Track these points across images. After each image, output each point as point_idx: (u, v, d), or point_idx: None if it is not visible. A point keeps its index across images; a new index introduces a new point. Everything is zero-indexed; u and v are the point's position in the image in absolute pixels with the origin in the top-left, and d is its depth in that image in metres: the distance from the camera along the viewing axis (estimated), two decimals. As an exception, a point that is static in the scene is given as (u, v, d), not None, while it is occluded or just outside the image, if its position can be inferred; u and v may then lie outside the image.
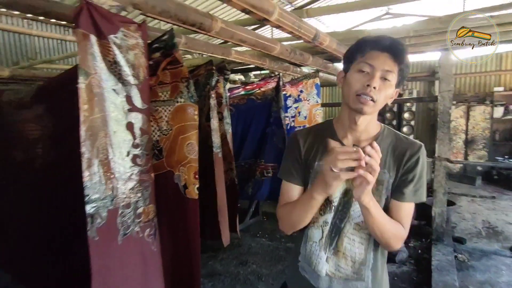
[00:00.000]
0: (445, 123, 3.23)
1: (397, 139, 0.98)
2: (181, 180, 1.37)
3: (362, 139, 0.97)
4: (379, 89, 0.87)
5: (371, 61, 0.87)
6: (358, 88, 0.89)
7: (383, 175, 0.94)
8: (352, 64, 0.92)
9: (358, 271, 0.98)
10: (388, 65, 0.87)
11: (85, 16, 0.92)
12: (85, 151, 0.96)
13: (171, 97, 1.33)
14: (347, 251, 0.98)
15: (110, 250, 1.05)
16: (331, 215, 0.99)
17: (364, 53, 0.89)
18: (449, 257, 3.08)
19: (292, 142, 1.06)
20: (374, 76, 0.87)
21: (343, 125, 0.99)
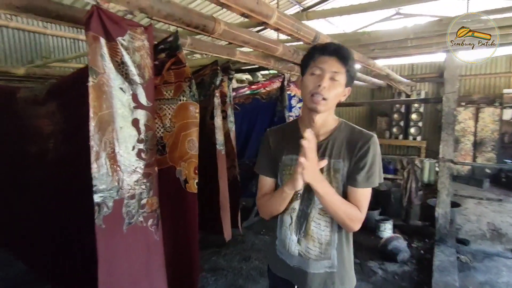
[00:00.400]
0: (450, 124, 3.23)
1: (352, 132, 1.11)
2: (182, 174, 1.44)
3: (320, 134, 1.11)
4: (328, 88, 1.02)
5: (321, 65, 1.02)
6: (311, 88, 1.03)
7: (338, 164, 1.07)
8: (307, 69, 1.07)
9: (325, 251, 1.10)
10: (336, 67, 1.02)
11: (96, 20, 1.00)
12: (94, 144, 1.04)
13: (174, 96, 1.41)
14: (315, 234, 1.10)
15: (115, 238, 1.13)
16: (298, 202, 1.12)
17: (315, 58, 1.04)
18: (451, 258, 3.09)
19: (264, 140, 1.21)
20: (324, 77, 1.01)
21: (304, 122, 1.14)
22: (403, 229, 3.86)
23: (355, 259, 3.20)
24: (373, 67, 2.84)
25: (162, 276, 1.30)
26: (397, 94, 6.59)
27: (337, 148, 1.08)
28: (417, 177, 3.61)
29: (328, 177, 1.07)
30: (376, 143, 1.07)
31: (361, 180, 1.05)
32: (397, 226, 3.88)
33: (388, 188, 4.54)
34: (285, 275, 1.19)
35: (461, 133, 6.03)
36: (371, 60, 2.69)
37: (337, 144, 1.08)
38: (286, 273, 1.18)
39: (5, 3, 1.08)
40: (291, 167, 1.12)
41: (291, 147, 1.12)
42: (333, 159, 1.08)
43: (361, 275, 2.93)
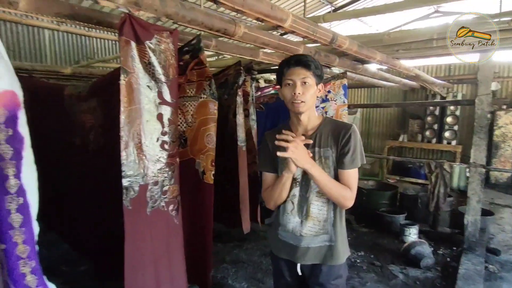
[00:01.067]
0: (482, 128, 3.08)
1: (335, 125, 1.31)
2: (201, 166, 1.57)
3: (308, 129, 1.30)
4: (303, 92, 1.20)
5: (290, 76, 1.21)
6: (289, 97, 1.23)
7: (327, 152, 1.26)
8: (282, 82, 1.26)
9: (323, 227, 1.29)
10: (302, 74, 1.20)
11: (128, 26, 1.15)
12: (123, 135, 1.19)
13: (196, 94, 1.54)
14: (314, 214, 1.28)
15: (140, 218, 1.28)
16: (297, 189, 1.30)
17: (284, 72, 1.23)
18: (478, 267, 2.95)
19: (263, 141, 1.40)
20: (296, 85, 1.20)
21: (293, 123, 1.33)
22: (429, 235, 3.73)
23: (376, 261, 3.20)
24: (399, 67, 2.80)
25: (181, 257, 1.43)
26: (431, 96, 6.32)
27: (324, 139, 1.27)
28: (446, 182, 3.47)
29: (320, 164, 1.26)
30: (355, 131, 1.26)
31: (347, 162, 1.23)
32: (423, 232, 3.76)
33: (416, 192, 4.40)
34: (288, 256, 1.35)
35: (501, 139, 5.65)
36: (396, 60, 2.65)
37: (324, 136, 1.28)
38: (289, 253, 1.34)
39: (56, 12, 1.27)
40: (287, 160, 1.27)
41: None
42: (322, 148, 1.27)
43: (381, 277, 2.90)
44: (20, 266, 1.16)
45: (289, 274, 1.38)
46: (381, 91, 7.21)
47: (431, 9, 8.62)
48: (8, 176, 1.11)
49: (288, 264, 1.36)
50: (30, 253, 1.16)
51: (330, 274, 1.31)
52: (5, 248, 1.13)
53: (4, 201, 1.10)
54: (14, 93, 1.11)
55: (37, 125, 2.64)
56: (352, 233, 3.88)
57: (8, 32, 4.79)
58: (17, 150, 1.12)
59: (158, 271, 1.33)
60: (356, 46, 1.90)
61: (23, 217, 1.14)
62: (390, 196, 4.28)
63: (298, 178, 1.29)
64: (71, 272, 2.94)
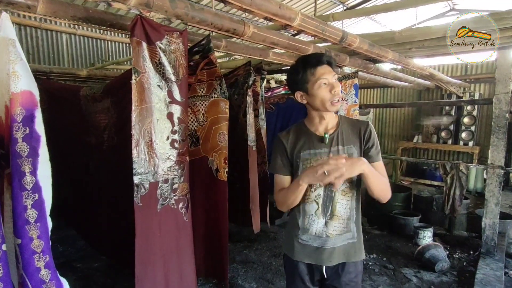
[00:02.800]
0: (501, 128, 2.98)
1: (352, 122, 1.32)
2: (214, 164, 1.59)
3: (329, 128, 1.27)
4: (338, 89, 1.19)
5: (324, 76, 1.18)
6: (329, 97, 1.18)
7: (351, 149, 1.25)
8: (309, 84, 1.19)
9: (347, 225, 1.27)
10: (332, 71, 1.20)
11: (139, 27, 1.18)
12: (135, 133, 1.22)
13: (207, 93, 1.56)
14: (339, 213, 1.26)
15: (150, 215, 1.30)
16: (322, 189, 1.25)
17: (314, 72, 1.18)
18: (498, 272, 2.85)
19: (278, 143, 1.33)
20: (332, 84, 1.18)
21: (314, 122, 1.29)
22: (445, 238, 3.63)
23: (389, 264, 3.14)
24: (412, 66, 2.74)
25: (190, 253, 1.45)
26: (447, 96, 6.16)
27: (346, 137, 1.26)
28: (462, 183, 3.37)
29: None
30: (372, 127, 1.29)
31: (375, 155, 1.26)
32: (438, 235, 3.66)
33: (431, 194, 4.29)
34: (311, 260, 1.30)
35: (523, 140, 5.44)
36: (410, 59, 2.60)
37: (345, 133, 1.27)
38: (312, 257, 1.29)
39: (71, 15, 1.31)
40: (310, 160, 1.26)
41: (306, 144, 1.28)
42: (346, 146, 1.25)
43: (393, 281, 2.85)
44: (35, 260, 1.20)
45: (309, 278, 1.33)
46: (394, 91, 7.08)
47: (447, 7, 8.42)
48: (25, 173, 1.15)
49: (310, 268, 1.32)
50: (44, 248, 1.19)
51: (353, 271, 1.31)
52: (21, 242, 1.16)
53: (21, 197, 1.14)
54: (32, 93, 1.15)
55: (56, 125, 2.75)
56: (364, 235, 3.77)
57: (28, 37, 4.97)
58: (34, 148, 1.16)
59: (168, 267, 1.35)
60: (366, 45, 1.87)
61: (38, 213, 1.17)
62: (403, 198, 4.19)
63: None
64: (85, 268, 3.01)
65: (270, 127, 3.34)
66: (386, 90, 7.18)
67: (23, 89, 1.12)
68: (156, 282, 1.31)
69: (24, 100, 1.13)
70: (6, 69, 1.07)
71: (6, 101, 1.11)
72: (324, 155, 1.24)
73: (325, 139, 1.24)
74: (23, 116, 1.13)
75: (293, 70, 1.26)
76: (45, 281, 1.22)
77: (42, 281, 1.21)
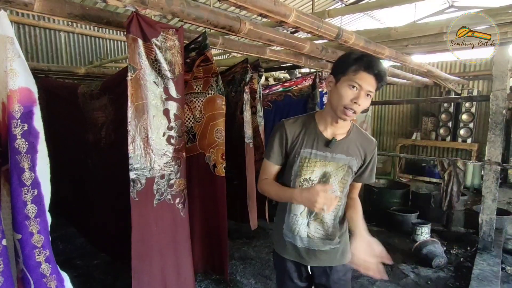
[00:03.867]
0: (498, 124, 2.99)
1: (362, 135, 1.26)
2: (211, 160, 1.61)
3: (338, 133, 1.21)
4: (361, 104, 1.09)
5: (360, 81, 1.06)
6: (346, 102, 1.09)
7: (353, 161, 1.21)
8: (344, 77, 1.10)
9: (332, 233, 1.25)
10: (372, 85, 1.08)
11: (135, 24, 1.19)
12: (131, 129, 1.23)
13: (203, 90, 1.57)
14: (324, 219, 1.24)
15: (146, 210, 1.32)
16: None
17: (356, 71, 1.07)
18: (495, 268, 2.87)
19: (280, 129, 1.22)
20: (360, 95, 1.08)
21: (325, 121, 1.20)
22: (442, 234, 3.66)
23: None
24: (410, 63, 2.75)
25: (187, 248, 1.47)
26: (445, 93, 6.16)
27: (352, 148, 1.22)
28: (459, 180, 3.39)
29: (343, 172, 1.21)
30: (375, 149, 1.26)
31: (365, 177, 1.27)
32: (436, 231, 3.69)
33: (429, 191, 4.32)
34: (292, 257, 1.29)
35: (520, 136, 5.46)
36: (407, 56, 2.61)
37: (352, 145, 1.22)
38: (293, 254, 1.29)
39: (67, 13, 1.32)
40: (309, 160, 1.20)
41: (309, 142, 1.20)
42: (349, 157, 1.21)
43: (391, 277, 2.87)
44: (36, 255, 1.21)
45: (297, 275, 1.32)
46: (393, 88, 7.09)
47: (446, 4, 8.42)
48: (24, 169, 1.16)
49: (297, 266, 1.31)
50: (44, 243, 1.21)
51: (341, 269, 1.31)
52: (21, 238, 1.18)
53: (20, 193, 1.16)
54: (30, 90, 1.17)
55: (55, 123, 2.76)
56: (363, 232, 3.84)
57: (27, 35, 4.98)
58: (32, 144, 1.17)
59: (164, 261, 1.37)
60: (363, 42, 1.88)
61: (37, 208, 1.19)
62: (401, 195, 4.22)
63: (314, 180, 1.20)
64: (85, 265, 3.03)
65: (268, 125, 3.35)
66: (385, 87, 7.18)
67: (21, 86, 1.13)
68: (153, 275, 1.33)
69: (22, 97, 1.14)
70: (4, 67, 1.08)
71: (3, 99, 1.12)
72: (324, 158, 1.19)
73: (331, 144, 1.18)
74: (21, 112, 1.14)
75: (346, 55, 1.14)
76: (46, 275, 1.24)
77: (43, 275, 1.23)
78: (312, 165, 1.20)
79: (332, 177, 1.20)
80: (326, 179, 1.20)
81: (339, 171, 1.20)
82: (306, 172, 1.20)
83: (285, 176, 1.27)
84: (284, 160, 1.25)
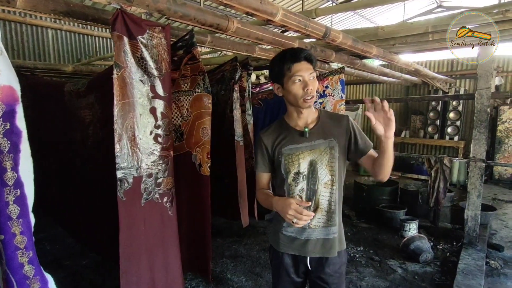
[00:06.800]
0: (482, 122, 3.06)
1: (332, 116, 1.34)
2: (197, 159, 1.60)
3: (309, 122, 1.29)
4: (312, 87, 1.19)
5: (299, 72, 1.17)
6: (301, 94, 1.19)
7: (332, 142, 1.26)
8: (285, 78, 1.21)
9: (330, 217, 1.29)
10: (309, 68, 1.19)
11: (120, 21, 1.17)
12: (117, 128, 1.22)
13: (190, 88, 1.56)
14: (322, 205, 1.27)
15: (134, 209, 1.31)
16: (304, 182, 1.27)
17: (290, 67, 1.18)
18: (479, 262, 2.95)
19: (258, 143, 1.35)
20: (307, 82, 1.18)
21: (293, 117, 1.31)
22: (429, 230, 3.73)
23: (376, 256, 3.21)
24: (397, 62, 2.79)
25: (176, 247, 1.46)
26: (433, 92, 6.27)
27: (328, 130, 1.27)
28: (446, 176, 3.46)
29: (327, 155, 1.26)
30: (352, 119, 1.31)
31: (363, 146, 1.27)
32: (424, 227, 3.76)
33: (417, 188, 4.39)
34: (295, 251, 1.33)
35: (504, 134, 5.60)
36: (394, 55, 2.65)
37: (326, 127, 1.28)
38: (294, 248, 1.32)
39: (51, 9, 1.30)
40: (292, 155, 1.28)
41: (287, 140, 1.29)
42: (328, 139, 1.26)
43: (379, 272, 2.91)
44: (18, 256, 1.19)
45: (294, 270, 1.35)
46: (382, 87, 7.18)
47: (434, 4, 8.55)
48: (6, 168, 1.14)
49: (295, 260, 1.34)
50: (27, 244, 1.19)
51: (337, 262, 1.33)
52: (3, 238, 1.16)
53: (2, 193, 1.13)
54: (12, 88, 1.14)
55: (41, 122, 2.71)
56: (352, 229, 3.89)
57: (13, 32, 4.87)
58: (15, 144, 1.15)
59: (153, 261, 1.37)
60: (350, 41, 1.90)
61: (20, 209, 1.17)
62: (390, 192, 4.28)
63: (304, 172, 1.26)
64: (74, 265, 2.99)
65: (259, 123, 3.36)
66: (374, 86, 7.27)
67: (3, 84, 1.10)
68: (141, 275, 1.32)
69: (5, 95, 1.12)
70: (-15, 64, 1.06)
71: (-15, 97, 1.10)
72: (305, 149, 1.26)
73: (305, 133, 1.25)
74: (3, 111, 1.11)
75: (272, 62, 1.27)
76: (29, 277, 1.22)
77: (26, 277, 1.21)
78: (296, 159, 1.26)
79: (318, 163, 1.26)
80: (313, 167, 1.26)
81: (324, 156, 1.26)
82: (293, 167, 1.27)
83: (278, 177, 1.33)
84: (272, 166, 1.34)
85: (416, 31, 1.92)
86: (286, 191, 1.29)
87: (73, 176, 2.52)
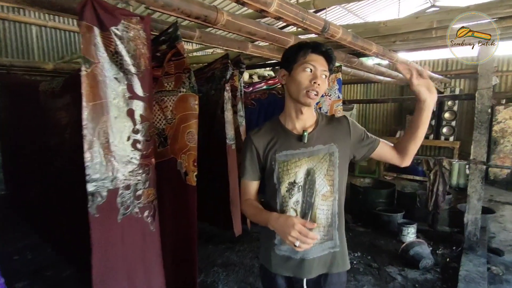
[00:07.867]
0: (483, 123, 2.96)
1: (332, 119, 1.20)
2: (182, 167, 1.43)
3: (307, 126, 1.14)
4: (321, 84, 1.06)
5: (313, 62, 1.06)
6: (306, 84, 1.06)
7: (332, 148, 1.13)
8: (296, 64, 1.08)
9: (328, 233, 1.15)
10: (324, 66, 1.08)
11: (89, 9, 1.01)
12: (87, 133, 1.05)
13: (175, 88, 1.40)
14: (320, 220, 1.13)
15: (110, 227, 1.14)
16: (300, 194, 1.12)
17: (306, 55, 1.07)
18: (481, 268, 2.85)
19: (248, 144, 1.18)
20: (317, 75, 1.05)
21: (291, 118, 1.15)
22: (428, 234, 3.62)
23: (374, 263, 3.09)
24: (396, 60, 2.67)
25: (159, 266, 1.30)
26: (429, 92, 6.20)
27: (327, 135, 1.14)
28: (445, 179, 3.36)
29: (325, 162, 1.13)
30: (350, 119, 1.20)
31: (372, 141, 1.18)
32: (422, 231, 3.65)
33: (414, 190, 4.29)
34: (290, 272, 1.17)
35: (500, 134, 5.55)
36: (394, 53, 2.52)
37: (326, 131, 1.15)
38: (292, 269, 1.16)
39: (13, -2, 1.13)
40: (287, 162, 1.13)
41: (282, 144, 1.13)
42: (328, 145, 1.13)
43: (378, 280, 2.79)
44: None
45: None
46: (378, 86, 7.11)
47: (428, 3, 8.52)
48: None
49: (289, 282, 1.20)
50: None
51: (336, 282, 1.18)
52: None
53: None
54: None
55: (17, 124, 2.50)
56: (349, 233, 3.76)
57: (-6, 29, 4.63)
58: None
59: (132, 282, 1.20)
60: (350, 37, 1.76)
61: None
62: (387, 194, 4.17)
63: (300, 182, 1.12)
64: (55, 276, 2.80)
65: (252, 124, 3.20)
66: (369, 85, 7.18)
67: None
68: (118, 301, 1.15)
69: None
70: None
71: None
72: (302, 156, 1.11)
73: (303, 138, 1.11)
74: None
75: (289, 47, 1.14)
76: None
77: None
78: (292, 167, 1.12)
79: (316, 172, 1.12)
80: (311, 176, 1.12)
81: (323, 164, 1.12)
82: (288, 176, 1.12)
83: (268, 187, 1.16)
84: (261, 173, 1.19)
85: (419, 27, 1.79)
86: (279, 203, 1.14)
87: (51, 181, 2.34)
